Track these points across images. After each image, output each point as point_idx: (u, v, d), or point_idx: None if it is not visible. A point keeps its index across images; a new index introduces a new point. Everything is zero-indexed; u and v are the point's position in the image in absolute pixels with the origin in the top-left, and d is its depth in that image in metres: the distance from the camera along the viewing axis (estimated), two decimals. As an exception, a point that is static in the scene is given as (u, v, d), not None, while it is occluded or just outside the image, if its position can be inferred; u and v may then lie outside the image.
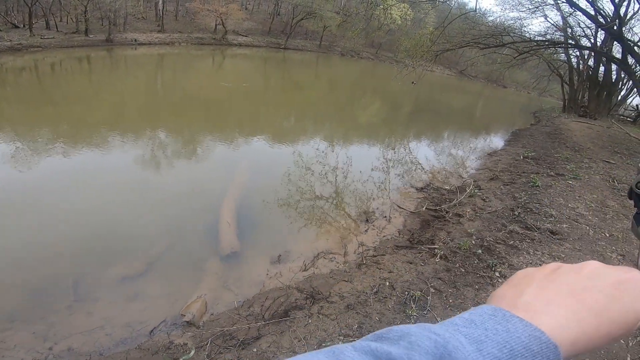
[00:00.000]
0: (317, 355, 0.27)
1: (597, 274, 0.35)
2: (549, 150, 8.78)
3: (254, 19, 32.65)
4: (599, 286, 0.33)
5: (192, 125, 8.79)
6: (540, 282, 0.34)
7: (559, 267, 0.36)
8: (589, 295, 0.33)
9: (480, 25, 15.40)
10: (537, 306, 0.31)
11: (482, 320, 0.30)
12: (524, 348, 0.28)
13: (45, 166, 5.66)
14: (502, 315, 0.30)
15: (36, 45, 17.18)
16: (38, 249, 3.70)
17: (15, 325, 2.83)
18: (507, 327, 0.29)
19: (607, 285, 0.33)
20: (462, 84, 32.53)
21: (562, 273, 0.35)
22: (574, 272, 0.35)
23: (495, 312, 0.30)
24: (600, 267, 0.36)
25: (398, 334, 0.29)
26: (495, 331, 0.29)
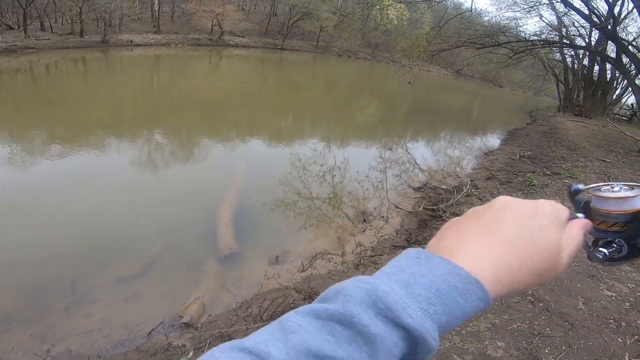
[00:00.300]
0: (266, 327, 0.28)
1: (507, 205, 0.36)
2: (545, 149, 8.84)
3: (250, 19, 32.62)
4: (508, 217, 0.34)
5: (189, 126, 8.78)
6: (458, 226, 0.36)
7: (474, 210, 0.38)
8: (500, 227, 0.34)
9: (476, 25, 15.48)
10: (454, 246, 0.33)
11: (407, 264, 0.31)
12: (449, 286, 0.29)
13: (42, 167, 5.63)
14: (424, 257, 0.31)
15: (31, 46, 17.07)
16: (35, 249, 3.68)
17: (12, 327, 2.81)
18: (430, 267, 0.30)
19: (516, 215, 0.35)
20: (459, 83, 32.65)
21: (476, 214, 0.36)
22: (485, 209, 0.36)
23: (419, 254, 0.32)
24: (509, 199, 0.37)
25: (334, 292, 0.30)
26: (421, 273, 0.30)
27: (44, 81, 12.85)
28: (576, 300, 2.89)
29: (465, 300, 0.29)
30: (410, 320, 0.27)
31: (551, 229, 0.34)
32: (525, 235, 0.33)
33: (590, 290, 3.04)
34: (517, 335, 2.50)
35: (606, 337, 2.51)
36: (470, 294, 0.29)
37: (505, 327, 2.56)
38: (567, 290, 3.03)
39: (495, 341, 2.43)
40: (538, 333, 2.51)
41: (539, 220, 0.34)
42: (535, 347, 2.40)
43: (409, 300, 0.28)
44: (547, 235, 0.34)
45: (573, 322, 2.65)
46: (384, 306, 0.27)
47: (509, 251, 0.32)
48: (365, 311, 0.27)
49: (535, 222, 0.34)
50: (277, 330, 0.28)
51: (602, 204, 0.43)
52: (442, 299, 0.28)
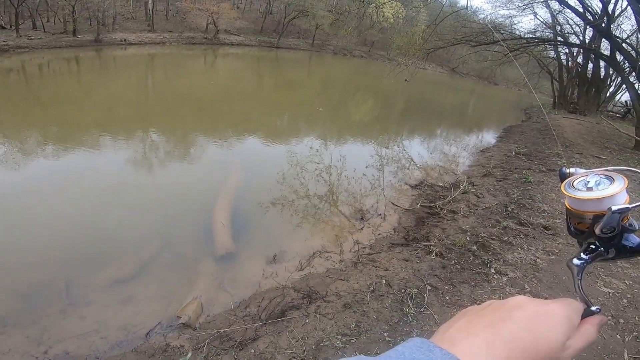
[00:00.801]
0: None
1: (519, 306, 0.37)
2: (540, 146, 8.89)
3: (245, 17, 32.46)
4: (515, 317, 0.36)
5: (184, 126, 8.71)
6: (470, 317, 0.38)
7: (490, 303, 0.40)
8: (504, 325, 0.35)
9: (471, 23, 15.50)
10: (457, 338, 0.35)
11: (410, 352, 0.33)
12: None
13: (35, 168, 5.57)
14: (427, 347, 0.33)
15: (23, 46, 16.86)
16: (28, 252, 3.63)
17: (7, 330, 2.78)
18: (430, 356, 0.32)
19: (524, 316, 0.36)
20: (454, 81, 32.74)
21: (490, 308, 0.39)
22: (499, 306, 0.39)
23: (422, 344, 0.34)
24: (524, 300, 0.39)
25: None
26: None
27: (37, 81, 12.70)
28: (574, 298, 2.90)
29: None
30: None
31: (557, 333, 0.36)
32: (526, 338, 0.34)
33: (588, 287, 3.06)
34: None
35: (604, 334, 2.53)
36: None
37: None
38: (565, 287, 3.04)
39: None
40: (536, 329, 2.51)
41: (547, 323, 0.36)
42: (534, 343, 2.40)
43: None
44: (550, 338, 0.35)
45: None
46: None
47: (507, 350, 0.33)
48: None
49: (543, 325, 0.36)
50: None
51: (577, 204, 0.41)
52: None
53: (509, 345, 0.34)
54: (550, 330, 0.36)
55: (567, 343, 0.37)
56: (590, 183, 0.40)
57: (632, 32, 13.55)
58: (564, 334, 0.36)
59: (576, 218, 0.42)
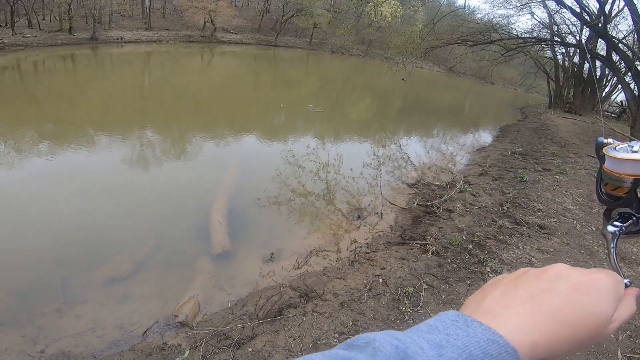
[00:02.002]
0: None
1: (560, 276, 0.34)
2: (536, 145, 8.94)
3: (243, 16, 32.35)
4: (558, 288, 0.33)
5: (180, 124, 8.69)
6: (504, 287, 0.35)
7: (526, 271, 0.37)
8: (547, 297, 0.32)
9: (468, 23, 15.55)
10: (496, 310, 0.32)
11: (445, 326, 0.30)
12: (483, 352, 0.28)
13: (30, 167, 5.53)
14: (463, 321, 0.30)
15: (18, 44, 16.72)
16: (23, 251, 3.62)
17: (3, 329, 2.77)
18: (467, 331, 0.29)
19: (567, 287, 0.33)
20: (451, 80, 32.82)
21: (526, 277, 0.35)
22: (537, 275, 0.35)
23: (457, 317, 0.31)
24: (564, 268, 0.35)
25: (365, 341, 0.29)
26: (456, 336, 0.29)
27: (32, 79, 12.60)
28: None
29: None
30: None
31: (605, 305, 0.33)
32: (572, 311, 0.32)
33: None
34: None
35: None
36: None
37: None
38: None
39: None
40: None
41: (593, 295, 0.33)
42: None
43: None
44: (600, 310, 0.32)
45: None
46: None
47: (552, 324, 0.31)
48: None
49: (589, 297, 0.33)
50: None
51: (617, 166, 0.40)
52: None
53: (555, 319, 0.31)
54: (598, 302, 0.32)
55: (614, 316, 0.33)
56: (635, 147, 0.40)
57: (628, 32, 13.62)
58: (612, 306, 0.33)
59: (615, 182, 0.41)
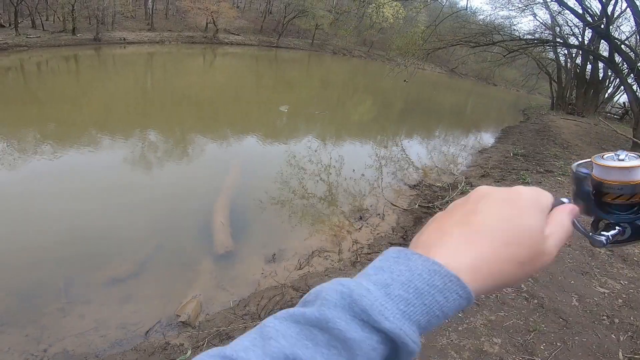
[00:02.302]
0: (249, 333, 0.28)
1: (484, 195, 0.34)
2: (538, 147, 8.92)
3: (245, 17, 32.43)
4: (483, 207, 0.33)
5: (182, 124, 8.72)
6: (439, 219, 0.35)
7: (455, 203, 0.36)
8: (476, 217, 0.32)
9: (470, 24, 15.56)
10: (432, 241, 0.32)
11: (388, 264, 0.30)
12: (427, 284, 0.28)
13: (33, 167, 5.56)
14: (404, 256, 0.30)
15: (22, 44, 16.82)
16: (27, 251, 3.63)
17: (6, 329, 2.78)
18: (409, 265, 0.29)
19: (492, 204, 0.33)
20: (453, 82, 32.79)
21: (455, 205, 0.35)
22: (464, 201, 0.35)
23: (399, 253, 0.30)
24: (488, 189, 0.35)
25: (314, 294, 0.29)
26: (399, 272, 0.29)
27: (35, 79, 12.68)
28: (570, 297, 2.94)
29: (445, 298, 0.28)
30: (387, 324, 0.26)
31: (531, 216, 0.32)
32: (502, 224, 0.31)
33: (584, 287, 3.09)
34: (513, 332, 2.53)
35: (600, 333, 2.55)
36: (451, 292, 0.28)
37: (501, 324, 2.59)
38: (560, 286, 3.07)
39: (491, 337, 2.46)
40: (533, 329, 2.54)
41: (517, 207, 0.32)
42: (530, 343, 2.43)
43: (386, 302, 0.27)
44: (527, 223, 0.32)
45: (567, 318, 2.69)
46: (359, 309, 0.26)
47: (486, 241, 0.30)
48: (341, 315, 0.26)
49: (514, 210, 0.32)
50: (257, 337, 0.27)
51: (606, 173, 0.40)
52: (421, 299, 0.27)
53: (486, 235, 0.31)
54: (524, 215, 0.32)
55: (546, 231, 0.33)
56: (622, 156, 0.40)
57: (631, 33, 13.60)
58: (538, 218, 0.33)
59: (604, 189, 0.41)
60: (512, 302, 2.84)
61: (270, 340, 0.26)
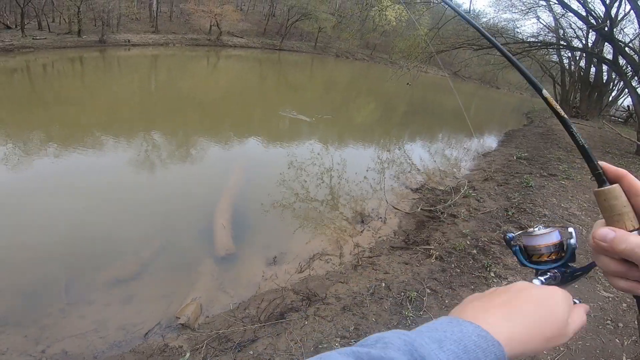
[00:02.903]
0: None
1: (524, 288, 0.44)
2: (542, 150, 8.87)
3: (249, 20, 32.58)
4: (525, 296, 0.42)
5: (185, 127, 8.75)
6: (480, 300, 0.43)
7: (495, 290, 0.45)
8: (518, 302, 0.41)
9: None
10: (479, 315, 0.39)
11: (442, 326, 0.37)
12: (475, 344, 0.35)
13: (36, 168, 5.60)
14: (456, 322, 0.37)
15: (28, 46, 16.97)
16: (29, 251, 3.65)
17: (6, 329, 2.79)
18: (461, 329, 0.36)
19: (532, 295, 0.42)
20: (456, 85, 32.72)
21: (497, 292, 0.44)
22: (506, 289, 0.44)
23: (451, 320, 0.38)
24: (526, 284, 0.45)
25: (375, 339, 0.35)
26: (452, 332, 0.35)
27: (41, 81, 12.78)
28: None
29: (485, 357, 0.34)
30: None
31: (562, 308, 0.42)
32: (539, 311, 0.40)
33: (588, 291, 3.05)
34: (515, 337, 2.50)
35: (604, 338, 2.52)
36: (490, 353, 0.35)
37: None
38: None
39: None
40: (535, 334, 2.51)
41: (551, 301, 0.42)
42: (532, 348, 2.40)
43: (440, 353, 0.33)
44: (559, 312, 0.41)
45: None
46: (419, 356, 0.32)
47: (525, 321, 0.39)
48: (403, 358, 0.32)
49: (550, 302, 0.42)
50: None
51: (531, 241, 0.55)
52: (467, 354, 0.34)
53: (525, 318, 0.39)
54: (557, 307, 0.41)
55: (569, 319, 0.42)
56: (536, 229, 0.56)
57: (634, 36, 13.52)
58: (566, 310, 0.42)
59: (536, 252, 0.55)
60: None
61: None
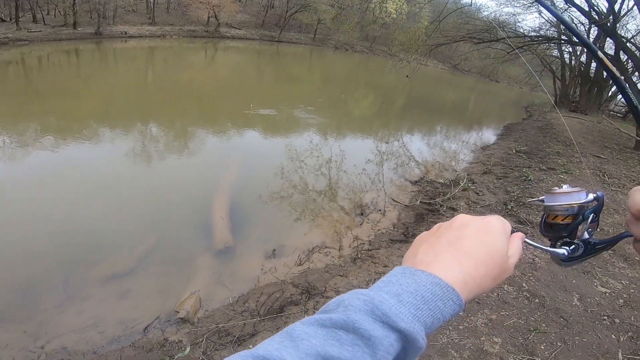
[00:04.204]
0: (274, 338, 0.32)
1: (465, 223, 0.43)
2: (541, 144, 8.86)
3: (247, 11, 32.21)
4: (467, 234, 0.42)
5: (182, 119, 8.68)
6: (428, 241, 0.43)
7: (439, 226, 0.46)
8: (462, 242, 0.41)
9: (475, 20, 15.38)
10: (429, 260, 0.39)
11: (396, 279, 0.37)
12: (431, 293, 0.35)
13: (30, 161, 5.55)
14: (409, 272, 0.38)
15: (23, 38, 16.74)
16: (25, 247, 3.62)
17: (5, 325, 2.78)
18: (415, 279, 0.36)
19: (473, 232, 0.42)
20: (456, 78, 32.60)
21: (442, 230, 0.44)
22: (448, 226, 0.44)
23: (404, 270, 0.38)
24: (466, 217, 0.45)
25: (335, 303, 0.35)
26: (407, 284, 0.36)
27: (36, 73, 12.64)
28: (571, 297, 2.91)
29: (444, 304, 0.35)
30: (403, 324, 0.33)
31: (501, 242, 0.42)
32: (483, 248, 0.40)
33: (585, 287, 3.06)
34: (514, 331, 2.51)
35: (600, 333, 2.53)
36: (448, 300, 0.36)
37: (502, 323, 2.57)
38: (562, 286, 3.05)
39: (492, 337, 2.44)
40: (534, 329, 2.52)
41: (491, 235, 0.42)
42: (531, 342, 2.41)
43: (400, 307, 0.34)
44: (499, 248, 0.41)
45: (568, 318, 2.66)
46: (380, 313, 0.33)
47: (473, 262, 0.39)
48: (365, 318, 0.33)
49: (489, 237, 0.41)
50: (286, 339, 0.32)
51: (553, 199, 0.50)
52: (427, 305, 0.35)
53: (472, 257, 0.39)
54: (496, 241, 0.42)
55: (509, 253, 0.43)
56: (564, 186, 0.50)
57: (637, 31, 13.44)
58: (505, 242, 0.43)
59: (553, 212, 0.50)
60: (514, 301, 2.82)
61: (302, 340, 0.31)
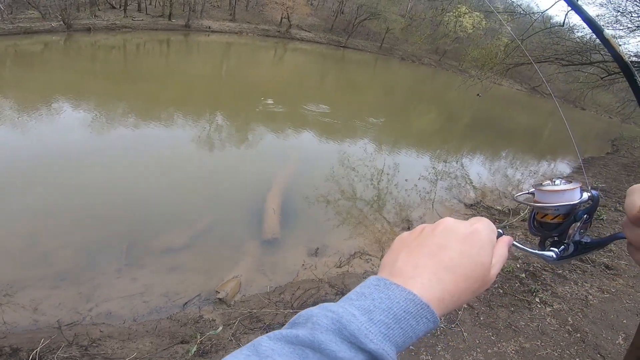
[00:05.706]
0: (241, 351, 0.31)
1: (450, 230, 0.40)
2: (622, 183, 7.86)
3: (318, 15, 33.00)
4: (450, 244, 0.39)
5: (250, 113, 9.19)
6: (409, 247, 0.40)
7: (422, 229, 0.42)
8: (444, 253, 0.38)
9: (565, 41, 14.07)
10: (408, 271, 0.37)
11: (370, 291, 0.35)
12: (404, 311, 0.33)
13: (114, 134, 6.27)
14: (383, 284, 0.35)
15: (127, 26, 18.90)
16: (96, 212, 3.99)
17: (63, 284, 3.03)
18: (389, 294, 0.34)
19: (457, 241, 0.39)
20: (533, 100, 30.14)
21: (425, 235, 0.41)
22: (432, 231, 0.41)
23: (378, 282, 0.36)
24: (452, 222, 0.41)
25: (304, 318, 0.33)
26: (380, 300, 0.34)
27: (132, 59, 14.26)
28: (617, 335, 2.71)
29: (417, 322, 0.33)
30: (372, 345, 0.31)
31: (485, 253, 0.39)
32: (465, 261, 0.38)
33: (635, 327, 2.71)
34: (549, 368, 2.30)
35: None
36: (422, 317, 0.34)
37: (534, 353, 2.41)
38: (610, 324, 2.80)
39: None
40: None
41: (476, 246, 0.39)
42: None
43: (370, 327, 0.32)
44: (483, 260, 0.39)
45: (606, 355, 2.45)
46: (348, 333, 0.31)
47: (453, 277, 0.36)
48: (332, 338, 0.31)
49: (474, 249, 0.39)
50: (251, 354, 0.30)
51: (543, 197, 0.46)
52: (399, 324, 0.33)
53: (452, 272, 0.37)
54: (481, 253, 0.39)
55: (492, 262, 0.40)
56: (557, 182, 0.46)
57: None
58: (490, 254, 0.40)
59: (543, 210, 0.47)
60: (553, 333, 2.64)
61: (267, 358, 0.30)
